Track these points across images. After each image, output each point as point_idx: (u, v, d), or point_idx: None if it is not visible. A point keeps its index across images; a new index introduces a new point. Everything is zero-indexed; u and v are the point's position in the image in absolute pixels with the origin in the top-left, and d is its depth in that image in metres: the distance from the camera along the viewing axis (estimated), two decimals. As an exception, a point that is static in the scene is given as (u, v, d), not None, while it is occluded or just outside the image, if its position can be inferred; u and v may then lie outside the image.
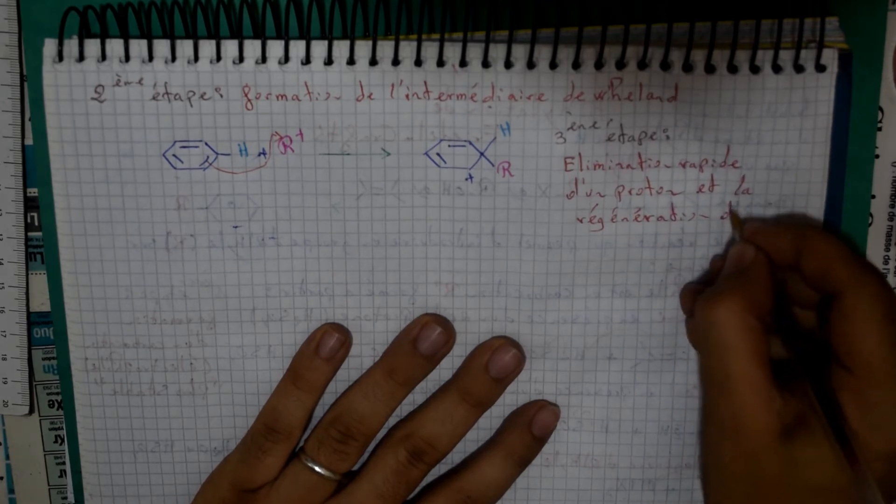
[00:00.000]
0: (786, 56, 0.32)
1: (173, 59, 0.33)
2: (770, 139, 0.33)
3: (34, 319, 0.37)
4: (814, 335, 0.32)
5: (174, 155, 0.34)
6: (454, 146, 0.34)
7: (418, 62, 0.33)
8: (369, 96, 0.33)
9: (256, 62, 0.33)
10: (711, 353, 0.30)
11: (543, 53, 0.32)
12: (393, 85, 0.33)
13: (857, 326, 0.29)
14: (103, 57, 0.33)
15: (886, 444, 0.29)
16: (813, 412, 0.29)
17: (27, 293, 0.37)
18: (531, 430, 0.35)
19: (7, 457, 0.39)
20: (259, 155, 0.34)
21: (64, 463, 0.39)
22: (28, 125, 0.36)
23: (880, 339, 0.29)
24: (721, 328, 0.30)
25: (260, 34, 0.34)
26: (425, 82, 0.33)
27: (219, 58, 0.33)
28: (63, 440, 0.39)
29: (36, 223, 0.37)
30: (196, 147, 0.34)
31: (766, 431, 0.29)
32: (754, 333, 0.29)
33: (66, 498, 0.39)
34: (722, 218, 0.34)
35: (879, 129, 0.35)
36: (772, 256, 0.32)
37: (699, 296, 0.32)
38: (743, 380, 0.29)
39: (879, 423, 0.29)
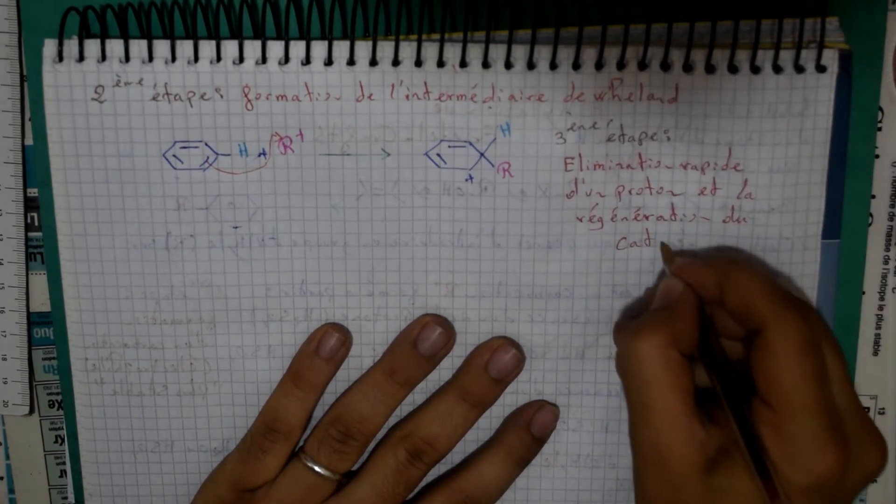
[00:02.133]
0: (786, 56, 0.32)
1: (173, 59, 0.33)
2: (771, 140, 0.33)
3: (34, 319, 0.37)
4: (740, 368, 0.32)
5: (174, 155, 0.34)
6: (454, 147, 0.34)
7: (418, 62, 0.33)
8: (369, 97, 0.33)
9: (256, 63, 0.33)
10: (632, 386, 0.30)
11: (543, 54, 0.32)
12: (393, 85, 0.33)
13: (776, 361, 0.29)
14: (103, 57, 0.33)
15: (806, 477, 0.29)
16: (736, 445, 0.29)
17: (27, 293, 0.37)
18: (530, 430, 0.35)
19: (7, 457, 0.39)
20: (259, 155, 0.34)
21: (64, 463, 0.39)
22: (28, 125, 0.36)
23: (798, 374, 0.29)
24: (641, 361, 0.30)
25: (260, 34, 0.34)
26: (425, 83, 0.33)
27: (219, 58, 0.33)
28: (63, 440, 0.39)
29: (36, 223, 0.37)
30: (196, 147, 0.34)
31: (686, 463, 0.29)
32: (675, 366, 0.30)
33: (66, 498, 0.39)
34: (724, 222, 0.34)
35: (879, 129, 0.35)
36: (699, 292, 0.32)
37: (622, 328, 0.32)
38: (663, 412, 0.29)
39: (799, 456, 0.29)
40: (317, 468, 0.35)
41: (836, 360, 0.31)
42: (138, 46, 0.33)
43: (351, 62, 0.33)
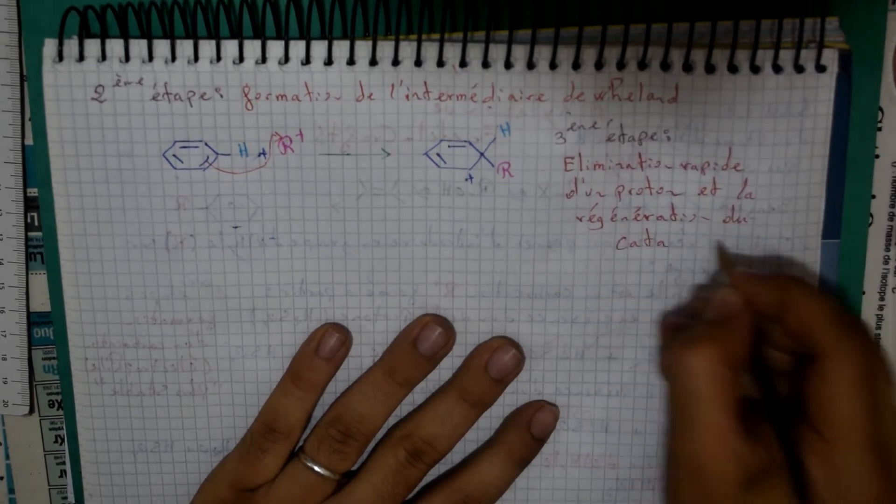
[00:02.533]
0: (786, 56, 0.32)
1: (173, 59, 0.33)
2: (771, 140, 0.33)
3: (34, 319, 0.37)
4: (788, 382, 0.32)
5: (174, 155, 0.34)
6: (454, 146, 0.34)
7: (418, 62, 0.33)
8: (369, 96, 0.33)
9: (256, 62, 0.33)
10: (679, 396, 0.30)
11: (543, 54, 0.32)
12: (393, 85, 0.33)
13: (834, 392, 0.29)
14: (103, 57, 0.33)
15: None
16: (776, 465, 0.29)
17: (27, 293, 0.37)
18: (530, 430, 0.35)
19: (7, 457, 0.39)
20: (259, 155, 0.34)
21: (64, 463, 0.39)
22: (28, 125, 0.36)
23: (854, 408, 0.28)
24: (693, 376, 0.29)
25: (260, 34, 0.34)
26: (425, 82, 0.33)
27: (219, 58, 0.33)
28: (63, 440, 0.39)
29: (36, 223, 0.37)
30: (196, 147, 0.34)
31: (725, 479, 0.29)
32: (726, 385, 0.29)
33: (66, 498, 0.39)
34: (724, 222, 0.34)
35: (879, 129, 0.35)
36: (755, 306, 0.31)
37: (676, 336, 0.31)
38: (708, 428, 0.29)
39: (843, 489, 0.28)
40: (316, 468, 0.35)
41: (888, 390, 0.30)
42: (138, 46, 0.33)
43: (351, 62, 0.33)
